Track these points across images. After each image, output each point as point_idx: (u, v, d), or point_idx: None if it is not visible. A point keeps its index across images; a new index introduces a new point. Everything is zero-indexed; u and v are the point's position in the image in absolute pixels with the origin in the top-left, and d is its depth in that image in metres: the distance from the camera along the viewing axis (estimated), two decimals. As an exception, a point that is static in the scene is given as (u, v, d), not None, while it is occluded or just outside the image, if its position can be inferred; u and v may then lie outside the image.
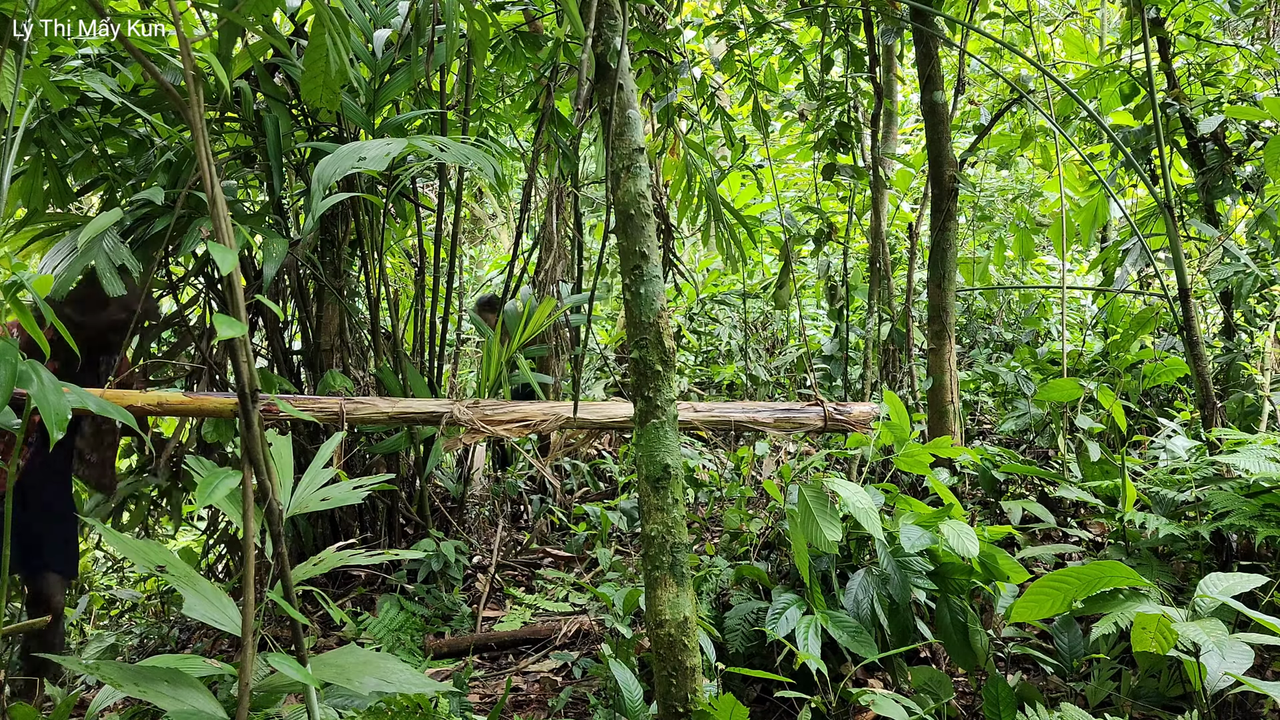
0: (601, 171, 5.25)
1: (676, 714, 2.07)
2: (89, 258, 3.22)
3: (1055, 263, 8.12)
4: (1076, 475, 4.05)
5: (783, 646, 2.79)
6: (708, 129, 6.06)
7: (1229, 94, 4.88)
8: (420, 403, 3.46)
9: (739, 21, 5.12)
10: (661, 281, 2.22)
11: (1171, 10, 4.65)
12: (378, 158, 2.65)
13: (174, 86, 1.43)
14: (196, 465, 1.89)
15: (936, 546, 2.93)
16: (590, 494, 5.67)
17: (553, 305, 4.18)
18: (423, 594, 4.00)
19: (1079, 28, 7.70)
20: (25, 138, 3.41)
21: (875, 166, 5.20)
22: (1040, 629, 3.16)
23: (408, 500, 4.48)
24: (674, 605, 2.07)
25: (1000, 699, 2.50)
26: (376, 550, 1.74)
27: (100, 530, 1.69)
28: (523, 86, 5.33)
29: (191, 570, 1.64)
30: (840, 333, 6.00)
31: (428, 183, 5.96)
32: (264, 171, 4.02)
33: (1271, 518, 2.89)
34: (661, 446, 2.11)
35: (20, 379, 1.55)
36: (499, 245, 10.44)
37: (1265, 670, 2.80)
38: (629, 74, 2.29)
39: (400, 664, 1.73)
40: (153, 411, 3.15)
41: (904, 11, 4.59)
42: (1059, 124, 5.08)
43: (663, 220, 5.78)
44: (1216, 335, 5.34)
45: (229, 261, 1.42)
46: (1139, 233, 4.34)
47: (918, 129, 8.51)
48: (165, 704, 1.50)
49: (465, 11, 3.41)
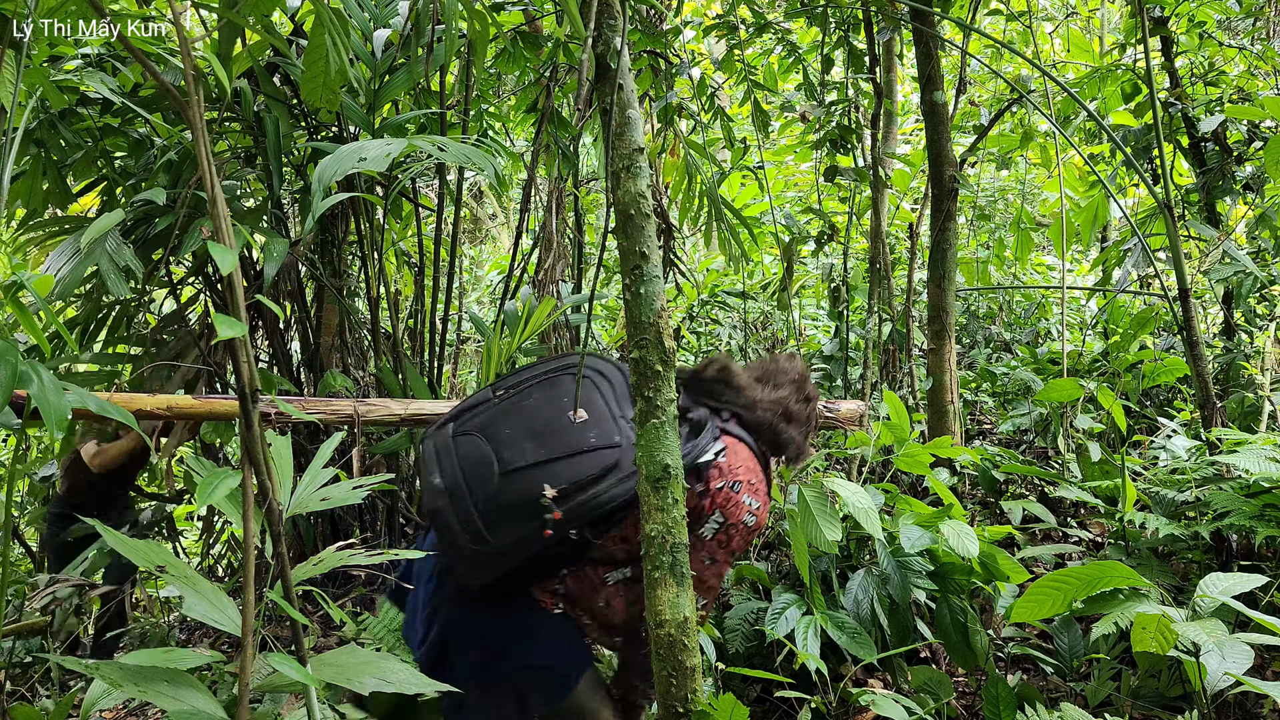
0: (601, 171, 5.25)
1: (676, 714, 2.07)
2: (92, 260, 3.23)
3: (1055, 263, 8.12)
4: (1076, 475, 4.05)
5: (783, 646, 2.79)
6: (708, 129, 6.06)
7: (1230, 93, 4.88)
8: (433, 404, 3.44)
9: (739, 21, 5.12)
10: (662, 281, 2.22)
11: (1175, 9, 4.65)
12: (378, 158, 2.65)
13: (174, 87, 1.43)
14: (196, 465, 1.89)
15: (936, 546, 2.93)
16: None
17: (552, 305, 4.18)
18: (423, 594, 4.00)
19: (1079, 28, 7.70)
20: (25, 138, 3.41)
21: (875, 167, 5.20)
22: (1040, 629, 3.16)
23: (408, 500, 4.48)
24: (674, 605, 2.07)
25: (1000, 699, 2.50)
26: (376, 550, 1.73)
27: (100, 530, 1.69)
28: (522, 86, 5.33)
29: (191, 570, 1.64)
30: (840, 333, 6.00)
31: (428, 183, 5.96)
32: (264, 172, 4.02)
33: (1271, 518, 2.89)
34: (661, 446, 2.10)
35: (20, 379, 1.55)
36: (499, 245, 10.44)
37: (1265, 670, 2.80)
38: (629, 74, 2.28)
39: (400, 664, 1.73)
40: (162, 415, 3.10)
41: (904, 11, 4.58)
42: (1059, 124, 5.08)
43: (663, 220, 5.77)
44: (1216, 335, 5.34)
45: (229, 261, 1.42)
46: (1139, 233, 4.34)
47: (918, 129, 8.50)
48: (165, 704, 1.49)
49: (465, 12, 3.41)
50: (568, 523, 2.07)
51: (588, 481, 2.10)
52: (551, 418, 2.20)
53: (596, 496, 2.10)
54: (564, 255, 5.38)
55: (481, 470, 2.13)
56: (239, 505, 1.56)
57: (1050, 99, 5.30)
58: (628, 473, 2.13)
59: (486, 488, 2.11)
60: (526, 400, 2.26)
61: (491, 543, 2.07)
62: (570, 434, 2.17)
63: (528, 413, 2.22)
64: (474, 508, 2.10)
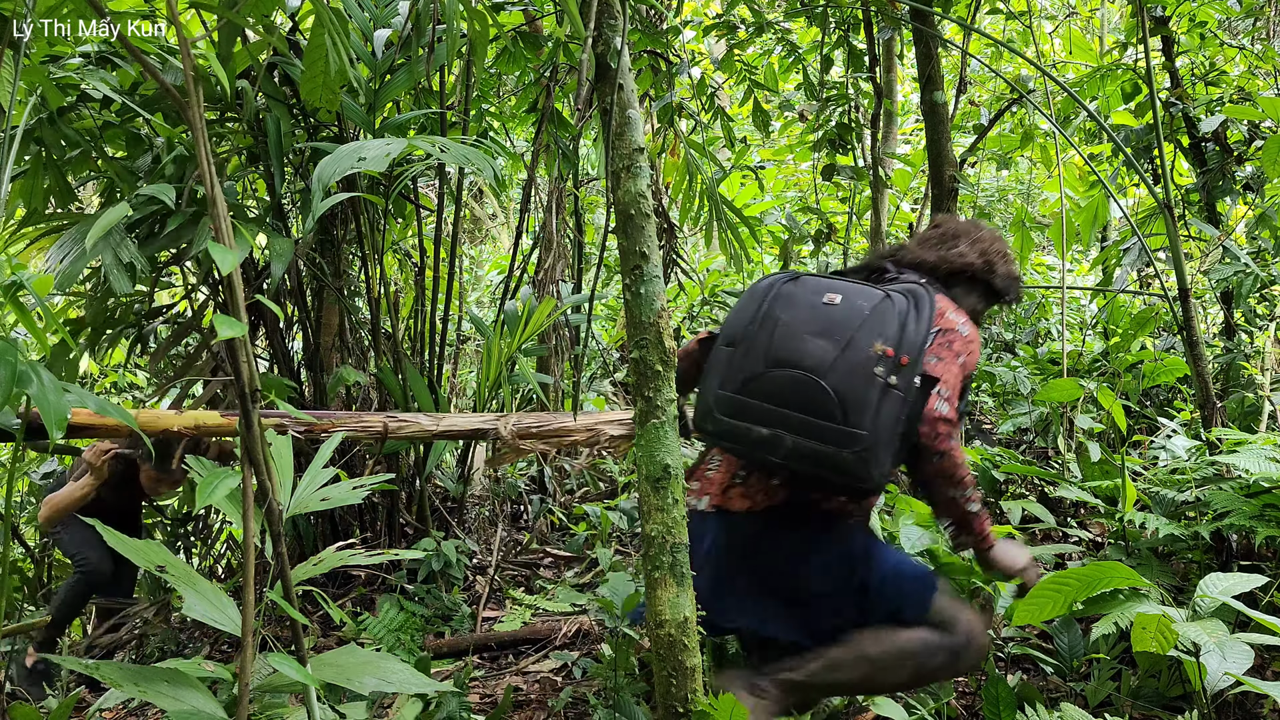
0: (601, 171, 5.25)
1: (676, 714, 2.07)
2: (95, 254, 3.20)
3: (1055, 263, 8.12)
4: (1076, 475, 4.05)
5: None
6: (708, 129, 6.06)
7: (1231, 93, 4.87)
8: (466, 419, 3.31)
9: (739, 21, 5.12)
10: (662, 281, 2.22)
11: (1176, 9, 4.65)
12: (377, 158, 2.65)
13: (174, 87, 1.43)
14: (197, 465, 1.89)
15: (936, 546, 2.94)
16: (590, 494, 5.67)
17: (553, 305, 4.18)
18: (423, 594, 4.00)
19: (1079, 27, 7.70)
20: (25, 137, 3.40)
21: (875, 166, 5.20)
22: (1040, 629, 3.16)
23: (408, 500, 4.48)
24: (674, 605, 2.07)
25: (1000, 699, 2.50)
26: (376, 550, 1.73)
27: (100, 530, 1.69)
28: (523, 86, 5.33)
29: (191, 570, 1.64)
30: (840, 333, 5.98)
31: (428, 183, 5.96)
32: (265, 173, 4.02)
33: (1271, 518, 2.89)
34: (662, 446, 2.11)
35: (20, 379, 1.55)
36: (499, 245, 10.44)
37: (1265, 670, 2.80)
38: (629, 74, 2.28)
39: (400, 664, 1.73)
40: (190, 433, 2.97)
41: (904, 11, 4.58)
42: (1059, 124, 5.07)
43: (664, 220, 5.77)
44: (1216, 335, 5.34)
45: (229, 261, 1.42)
46: (1139, 233, 4.34)
47: (918, 129, 8.51)
48: (165, 704, 1.50)
49: (465, 12, 3.41)
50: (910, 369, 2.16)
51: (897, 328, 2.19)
52: (818, 314, 2.27)
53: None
54: (564, 255, 5.39)
55: (806, 385, 2.16)
56: (239, 505, 1.56)
57: (1050, 99, 5.30)
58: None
59: (833, 376, 2.14)
60: (779, 324, 2.28)
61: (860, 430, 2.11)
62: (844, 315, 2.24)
63: (793, 327, 2.26)
64: (834, 400, 2.13)
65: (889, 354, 2.13)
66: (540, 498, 5.28)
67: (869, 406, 2.10)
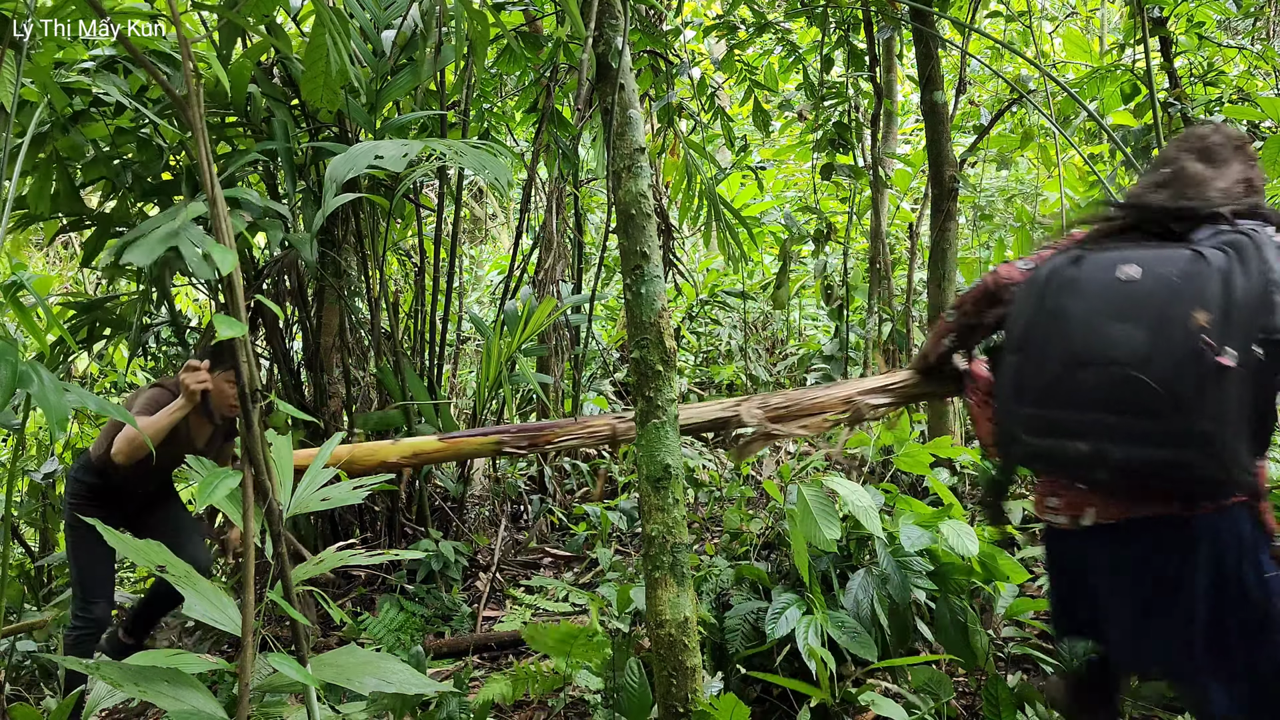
0: (601, 170, 5.26)
1: (676, 714, 2.07)
2: (169, 242, 3.16)
3: (1055, 263, 8.10)
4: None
5: (783, 646, 2.79)
6: (708, 129, 6.07)
7: (1230, 94, 4.88)
8: (702, 408, 2.88)
9: (739, 21, 5.13)
10: (662, 281, 2.22)
11: (1175, 10, 4.65)
12: (394, 158, 2.67)
13: (175, 88, 1.43)
14: (197, 465, 1.89)
15: (936, 546, 2.94)
16: (590, 494, 5.67)
17: (553, 305, 4.18)
18: (423, 594, 4.00)
19: (1079, 28, 7.70)
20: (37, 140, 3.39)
21: (875, 166, 5.20)
22: (1040, 629, 3.16)
23: (408, 501, 4.48)
24: (674, 605, 2.07)
25: (1000, 699, 2.50)
26: (376, 550, 1.74)
27: (100, 530, 1.69)
28: (523, 86, 5.34)
29: (191, 570, 1.64)
30: (840, 333, 6.01)
31: (428, 182, 5.96)
32: (265, 173, 4.03)
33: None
34: (662, 446, 2.11)
35: (21, 379, 1.55)
36: (499, 245, 10.45)
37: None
38: (630, 74, 2.29)
39: (400, 664, 1.73)
40: (408, 462, 2.85)
41: (904, 11, 4.59)
42: (1059, 124, 5.08)
43: (663, 220, 5.78)
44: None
45: (229, 261, 1.42)
46: (1139, 233, 4.33)
47: (918, 129, 8.51)
48: (165, 704, 1.50)
49: (466, 12, 3.41)
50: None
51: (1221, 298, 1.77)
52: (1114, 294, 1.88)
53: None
54: (564, 255, 5.39)
55: (1122, 381, 1.80)
56: (239, 505, 1.56)
57: (1050, 99, 5.30)
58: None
59: (1153, 366, 1.78)
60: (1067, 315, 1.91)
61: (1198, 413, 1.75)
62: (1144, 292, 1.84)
63: (1088, 316, 1.89)
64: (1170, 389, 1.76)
65: (1213, 324, 1.73)
66: (540, 498, 5.28)
67: (1204, 393, 1.72)
